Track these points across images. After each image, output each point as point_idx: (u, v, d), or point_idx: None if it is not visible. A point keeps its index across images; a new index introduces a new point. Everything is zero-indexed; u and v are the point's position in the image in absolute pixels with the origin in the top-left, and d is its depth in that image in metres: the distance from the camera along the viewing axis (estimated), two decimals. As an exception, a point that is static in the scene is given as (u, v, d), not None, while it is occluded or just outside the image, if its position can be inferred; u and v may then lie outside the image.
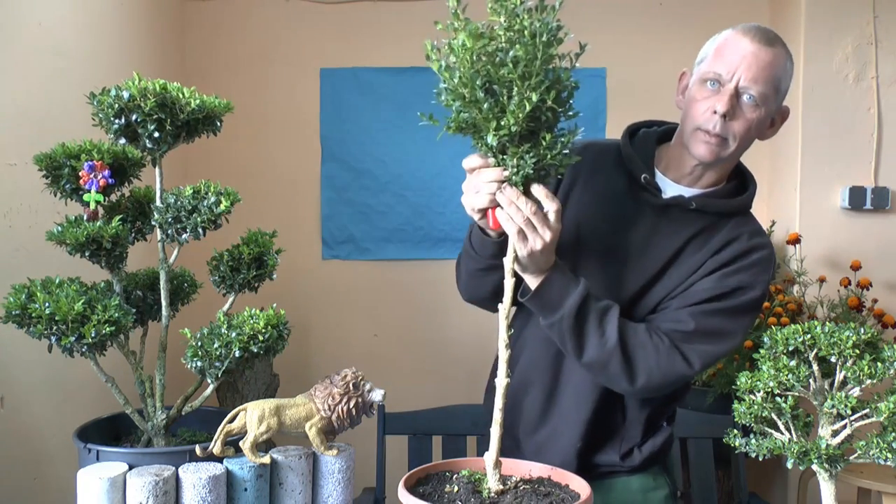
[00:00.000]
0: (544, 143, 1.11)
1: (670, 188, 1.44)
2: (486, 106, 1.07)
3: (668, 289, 1.41)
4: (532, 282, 1.30)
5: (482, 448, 1.73)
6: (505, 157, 1.14)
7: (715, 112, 1.34)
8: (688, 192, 1.44)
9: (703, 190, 1.44)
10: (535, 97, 1.05)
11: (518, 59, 1.04)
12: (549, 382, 1.49)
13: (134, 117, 1.35)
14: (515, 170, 1.14)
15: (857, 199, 3.12)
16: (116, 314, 1.31)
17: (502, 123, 1.08)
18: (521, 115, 1.06)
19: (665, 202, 1.42)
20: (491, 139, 1.11)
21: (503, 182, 1.16)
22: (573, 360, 1.40)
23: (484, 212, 1.22)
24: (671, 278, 1.41)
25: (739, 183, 1.48)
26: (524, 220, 1.17)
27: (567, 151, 1.13)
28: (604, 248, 1.43)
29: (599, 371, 1.36)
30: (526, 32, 1.04)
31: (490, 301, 1.44)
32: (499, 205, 1.18)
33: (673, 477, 1.62)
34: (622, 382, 1.35)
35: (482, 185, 1.18)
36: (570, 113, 1.11)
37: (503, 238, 1.32)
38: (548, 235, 1.19)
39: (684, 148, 1.41)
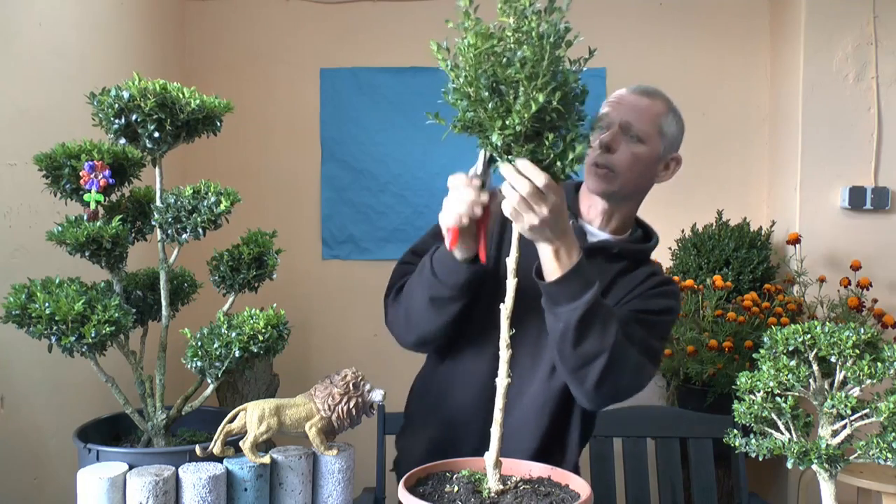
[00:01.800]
0: (547, 144, 1.11)
1: (593, 234, 1.57)
2: (490, 105, 1.08)
3: None
4: (555, 262, 1.29)
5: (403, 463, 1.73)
6: (510, 156, 1.15)
7: (599, 145, 1.49)
8: (607, 237, 1.57)
9: (618, 236, 1.58)
10: (541, 98, 1.05)
11: (526, 59, 1.05)
12: (486, 422, 1.49)
13: (134, 117, 1.35)
14: None
15: (857, 199, 3.12)
16: (116, 314, 1.31)
17: (507, 123, 1.08)
18: (526, 115, 1.07)
19: (591, 246, 1.53)
20: (496, 138, 1.11)
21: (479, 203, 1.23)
22: (545, 357, 1.46)
23: (447, 230, 1.27)
24: None
25: (644, 233, 1.64)
26: (519, 200, 1.18)
27: (574, 156, 1.13)
28: (534, 284, 1.39)
29: (582, 365, 1.35)
30: (534, 34, 1.05)
31: (444, 335, 1.48)
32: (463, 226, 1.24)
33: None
34: (593, 382, 1.36)
35: (455, 204, 1.24)
36: (577, 117, 1.11)
37: (474, 265, 1.36)
38: (545, 210, 1.19)
39: (587, 191, 1.56)
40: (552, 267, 1.30)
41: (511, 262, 1.18)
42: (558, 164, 1.14)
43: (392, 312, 1.55)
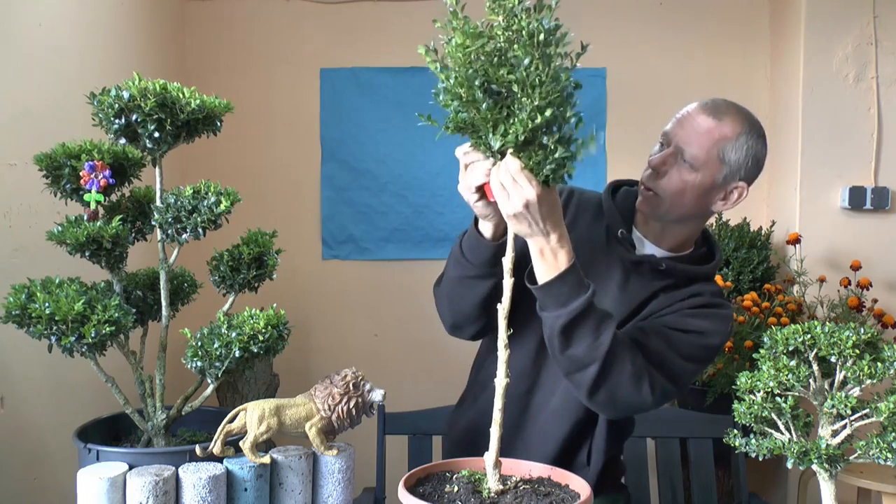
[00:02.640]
0: (550, 147, 1.10)
1: (645, 246, 1.50)
2: (484, 106, 1.06)
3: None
4: (540, 261, 1.25)
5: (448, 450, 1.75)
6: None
7: (649, 165, 1.43)
8: (660, 252, 1.50)
9: (673, 253, 1.50)
10: (548, 113, 1.03)
11: (520, 61, 1.03)
12: (515, 418, 1.50)
13: (134, 117, 1.35)
14: None
15: (857, 199, 3.12)
16: (116, 314, 1.31)
17: (510, 131, 1.07)
18: (530, 125, 1.05)
19: (637, 258, 1.47)
20: (496, 144, 1.10)
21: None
22: (545, 371, 1.46)
23: (481, 192, 1.21)
24: (637, 320, 1.45)
25: (707, 251, 1.54)
26: (497, 185, 1.14)
27: (569, 154, 1.11)
28: None
29: (572, 371, 1.34)
30: (524, 32, 1.04)
31: (476, 317, 1.46)
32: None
33: (628, 491, 1.68)
34: (586, 389, 1.34)
35: (478, 165, 1.18)
36: (572, 117, 1.08)
37: (500, 242, 1.33)
38: (530, 192, 1.13)
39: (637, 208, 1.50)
40: (540, 268, 1.27)
41: (507, 261, 1.16)
42: (546, 168, 1.11)
43: (436, 296, 1.55)
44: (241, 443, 1.29)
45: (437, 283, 1.56)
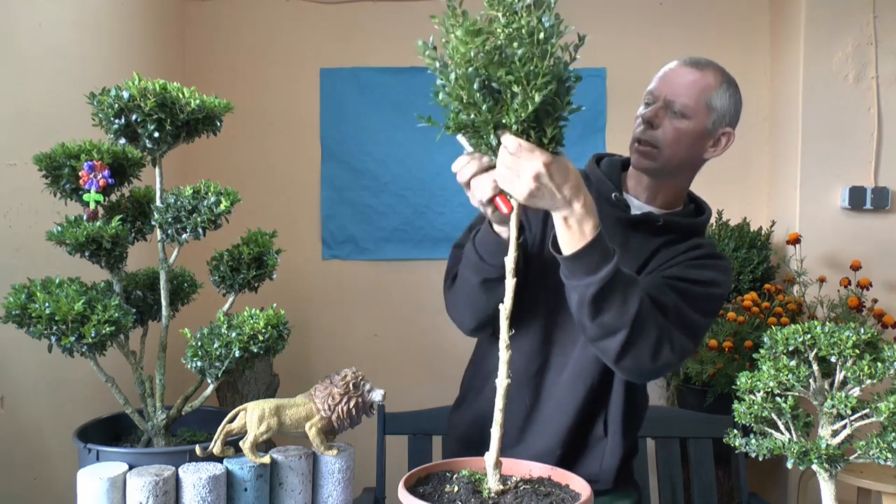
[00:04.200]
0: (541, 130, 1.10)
1: (636, 205, 1.56)
2: (485, 107, 1.06)
3: None
4: (566, 231, 1.24)
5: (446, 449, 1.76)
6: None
7: (641, 121, 1.48)
8: (654, 210, 1.54)
9: (665, 210, 1.55)
10: (538, 98, 1.04)
11: (522, 58, 1.03)
12: (530, 397, 1.51)
13: (134, 117, 1.35)
14: None
15: (857, 199, 3.12)
16: (116, 314, 1.31)
17: (504, 122, 1.08)
18: (522, 115, 1.05)
19: (635, 217, 1.52)
20: (493, 139, 1.10)
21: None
22: (568, 330, 1.46)
23: (492, 202, 1.19)
24: (643, 277, 1.47)
25: (696, 208, 1.62)
26: (502, 171, 1.13)
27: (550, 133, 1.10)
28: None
29: (601, 337, 1.34)
30: (524, 30, 1.03)
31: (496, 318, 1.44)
32: (502, 191, 1.16)
33: (639, 486, 1.69)
34: (613, 354, 1.35)
35: (480, 180, 1.17)
36: (571, 106, 1.09)
37: (520, 240, 1.32)
38: (536, 163, 1.11)
39: (632, 167, 1.55)
40: (565, 238, 1.25)
41: (509, 261, 1.16)
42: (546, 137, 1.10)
43: (450, 300, 1.54)
44: (241, 443, 1.29)
45: (447, 288, 1.54)
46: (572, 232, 1.23)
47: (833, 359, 1.07)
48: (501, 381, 1.16)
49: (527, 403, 1.53)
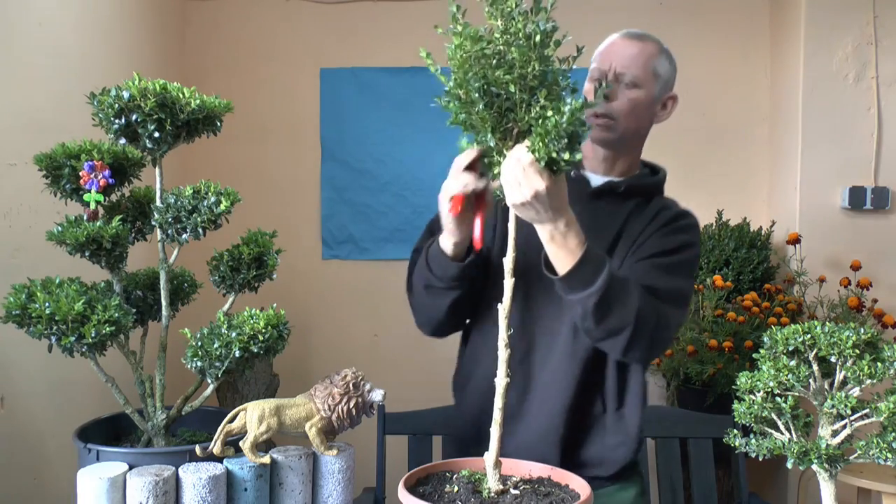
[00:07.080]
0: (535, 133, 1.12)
1: (595, 179, 1.59)
2: (481, 106, 1.09)
3: (620, 258, 1.51)
4: (552, 245, 1.30)
5: (447, 448, 1.76)
6: (506, 153, 1.16)
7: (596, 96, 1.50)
8: (613, 178, 1.59)
9: (623, 178, 1.59)
10: (538, 107, 1.07)
11: (514, 62, 1.06)
12: (520, 381, 1.52)
13: (134, 117, 1.35)
14: None
15: (857, 199, 3.12)
16: (116, 314, 1.31)
17: (502, 123, 1.10)
18: (525, 118, 1.09)
19: (597, 189, 1.57)
20: (491, 139, 1.13)
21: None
22: (548, 309, 1.49)
23: (454, 198, 1.27)
24: (621, 250, 1.52)
25: (651, 170, 1.66)
26: (520, 171, 1.17)
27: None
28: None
29: (607, 337, 1.39)
30: (521, 34, 1.06)
31: (449, 321, 1.57)
32: (468, 193, 1.25)
33: (644, 478, 1.70)
34: (620, 350, 1.40)
35: (463, 175, 1.26)
36: (584, 128, 1.11)
37: (464, 263, 1.40)
38: (539, 183, 1.17)
39: (590, 141, 1.58)
40: (554, 254, 1.31)
41: (508, 261, 1.18)
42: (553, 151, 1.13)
43: (411, 307, 1.63)
44: (241, 443, 1.29)
45: (408, 289, 1.63)
46: (557, 245, 1.30)
47: (833, 359, 1.07)
48: (501, 381, 1.16)
49: (518, 387, 1.54)
